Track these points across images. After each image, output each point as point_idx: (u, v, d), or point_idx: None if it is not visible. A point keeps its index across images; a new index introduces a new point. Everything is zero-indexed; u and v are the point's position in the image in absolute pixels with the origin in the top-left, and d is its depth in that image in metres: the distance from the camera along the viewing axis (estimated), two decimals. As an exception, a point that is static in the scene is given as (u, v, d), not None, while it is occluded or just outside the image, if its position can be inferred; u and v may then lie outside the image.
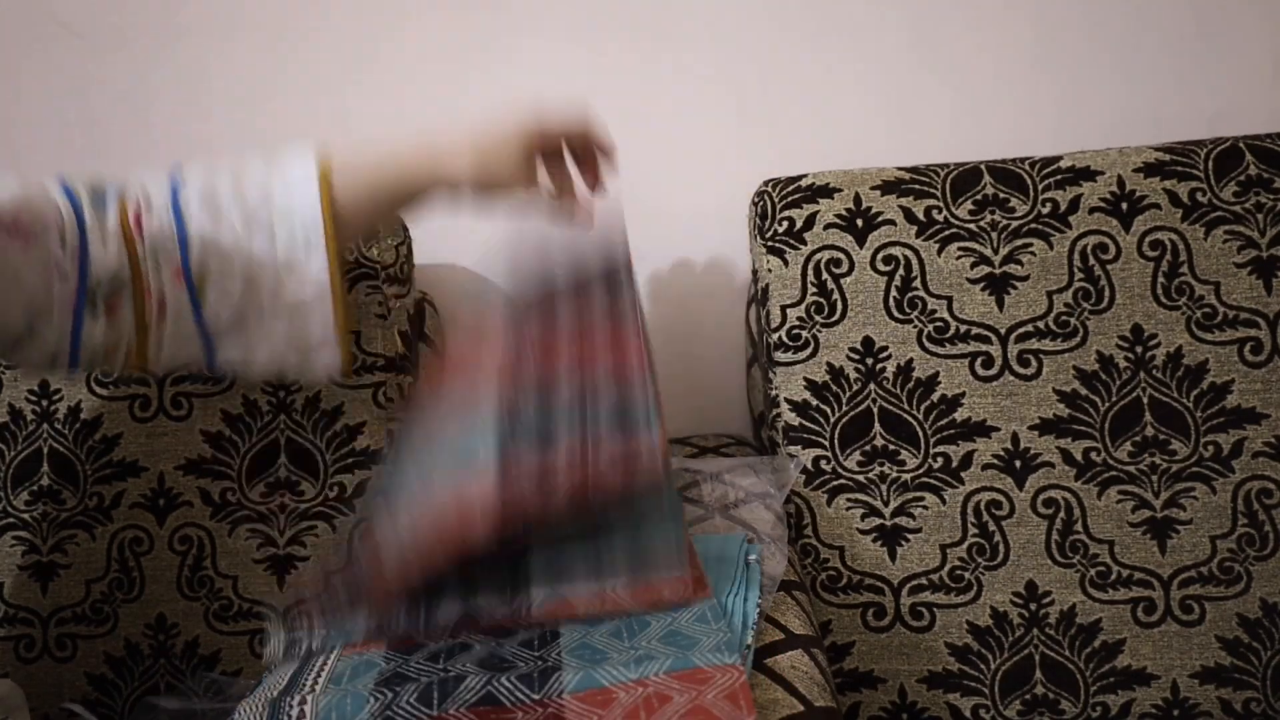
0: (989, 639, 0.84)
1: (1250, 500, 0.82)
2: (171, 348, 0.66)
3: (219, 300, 0.66)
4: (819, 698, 0.61)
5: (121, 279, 0.64)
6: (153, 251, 0.65)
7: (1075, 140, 1.00)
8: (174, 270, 0.65)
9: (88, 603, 0.86)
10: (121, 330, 0.65)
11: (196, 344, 0.67)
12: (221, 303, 0.66)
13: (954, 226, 0.87)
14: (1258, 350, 0.83)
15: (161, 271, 0.65)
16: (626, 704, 0.49)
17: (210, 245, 0.65)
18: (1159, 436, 0.84)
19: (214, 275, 0.65)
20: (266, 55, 1.07)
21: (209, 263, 0.65)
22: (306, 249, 0.66)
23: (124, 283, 0.64)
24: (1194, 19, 1.02)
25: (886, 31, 1.04)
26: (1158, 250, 0.85)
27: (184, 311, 0.65)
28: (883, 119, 1.05)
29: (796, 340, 0.87)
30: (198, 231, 0.65)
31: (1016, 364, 0.85)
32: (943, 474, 0.85)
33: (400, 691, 0.51)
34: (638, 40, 1.05)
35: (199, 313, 0.66)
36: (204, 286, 0.65)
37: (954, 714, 0.84)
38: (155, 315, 0.65)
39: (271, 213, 0.66)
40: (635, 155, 1.07)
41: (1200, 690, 0.82)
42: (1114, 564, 0.83)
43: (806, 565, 0.86)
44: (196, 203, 0.66)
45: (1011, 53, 1.03)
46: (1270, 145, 0.86)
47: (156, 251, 0.65)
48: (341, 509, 0.88)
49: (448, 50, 1.06)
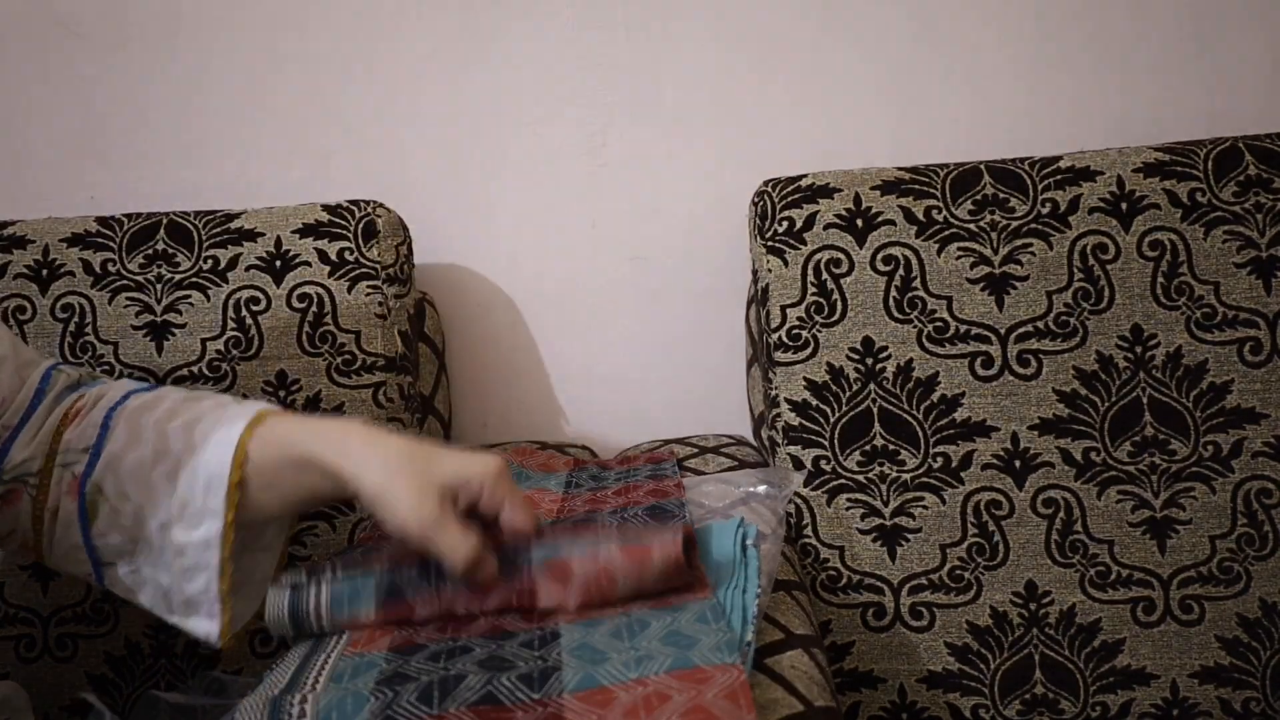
0: (989, 639, 0.84)
1: (1250, 500, 0.83)
2: (60, 554, 0.65)
3: (108, 521, 0.63)
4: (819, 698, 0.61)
5: (26, 472, 0.63)
6: (64, 457, 0.64)
7: (1075, 140, 1.00)
8: (72, 481, 0.63)
9: (88, 603, 0.86)
10: (18, 523, 0.64)
11: (84, 557, 0.64)
12: (111, 524, 0.63)
13: (954, 226, 0.87)
14: (1257, 350, 0.84)
15: (63, 479, 0.63)
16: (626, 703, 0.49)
17: (113, 465, 0.63)
18: (1159, 436, 0.84)
19: (108, 495, 0.63)
20: (266, 55, 1.07)
21: (105, 483, 0.63)
22: (202, 507, 0.61)
23: (28, 476, 0.63)
24: (1194, 19, 1.02)
25: (887, 31, 1.04)
26: (1157, 250, 0.85)
27: (73, 523, 0.63)
28: (883, 119, 1.05)
29: (796, 340, 0.87)
30: (109, 450, 0.63)
31: (1016, 364, 0.85)
32: (942, 474, 0.85)
33: (401, 691, 0.51)
34: (638, 40, 1.05)
35: (86, 530, 0.63)
36: (97, 505, 0.63)
37: (954, 714, 0.84)
38: (49, 520, 0.64)
39: (184, 454, 0.62)
40: (636, 155, 1.07)
41: (1200, 690, 0.82)
42: (1114, 564, 0.83)
43: (806, 565, 0.86)
44: (125, 422, 0.64)
45: (1011, 53, 1.03)
46: (1270, 145, 0.86)
47: (67, 458, 0.64)
48: (342, 509, 0.88)
49: (447, 50, 1.06)
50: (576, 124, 1.06)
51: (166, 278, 0.91)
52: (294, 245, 0.91)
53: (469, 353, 1.11)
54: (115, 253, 0.92)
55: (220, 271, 0.90)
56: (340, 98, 1.07)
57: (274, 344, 0.89)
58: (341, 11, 1.06)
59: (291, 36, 1.06)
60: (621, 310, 1.09)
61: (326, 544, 0.87)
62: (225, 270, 0.90)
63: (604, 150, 1.07)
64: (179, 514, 0.62)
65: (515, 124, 1.07)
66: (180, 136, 1.08)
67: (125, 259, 0.91)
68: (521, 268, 1.09)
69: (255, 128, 1.08)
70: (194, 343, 0.89)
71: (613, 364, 1.10)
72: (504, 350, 1.11)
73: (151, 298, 0.90)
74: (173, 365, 0.89)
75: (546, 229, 1.08)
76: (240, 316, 0.89)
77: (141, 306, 0.90)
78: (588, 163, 1.07)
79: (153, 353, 0.89)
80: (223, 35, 1.07)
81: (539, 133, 1.07)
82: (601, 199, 1.08)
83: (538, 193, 1.08)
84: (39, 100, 1.08)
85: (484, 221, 1.09)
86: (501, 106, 1.07)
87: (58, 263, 0.91)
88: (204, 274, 0.90)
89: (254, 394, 0.88)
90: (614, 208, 1.08)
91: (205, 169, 1.09)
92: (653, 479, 0.83)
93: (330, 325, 0.89)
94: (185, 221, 0.93)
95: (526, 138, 1.07)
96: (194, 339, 0.89)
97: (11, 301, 0.90)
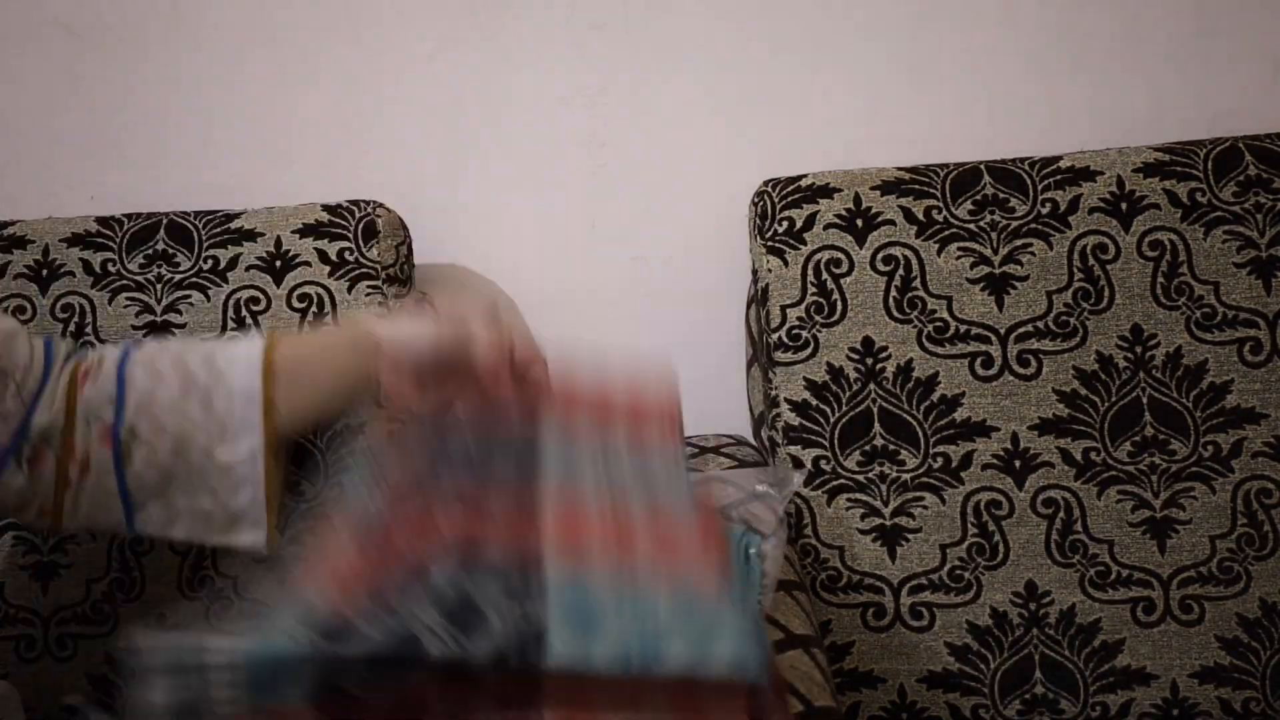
0: (989, 639, 0.84)
1: (1250, 500, 0.83)
2: (89, 507, 0.66)
3: (145, 460, 0.65)
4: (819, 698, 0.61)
5: (51, 433, 0.64)
6: (86, 412, 0.65)
7: (1075, 140, 1.00)
8: (102, 430, 0.65)
9: (88, 603, 0.86)
10: (39, 486, 0.65)
11: (117, 504, 0.66)
12: (147, 463, 0.65)
13: (954, 226, 0.87)
14: (1257, 350, 0.84)
15: (90, 431, 0.65)
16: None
17: (144, 406, 0.65)
18: (1158, 436, 0.84)
19: (143, 436, 0.65)
20: (266, 55, 1.07)
21: (139, 424, 0.65)
22: (242, 422, 0.65)
23: (53, 437, 0.64)
24: (1194, 19, 1.02)
25: (887, 31, 1.03)
26: (1157, 250, 0.85)
27: (106, 470, 0.65)
28: (883, 119, 1.05)
29: (796, 340, 0.87)
30: (135, 394, 0.65)
31: (1016, 364, 0.85)
32: (942, 474, 0.85)
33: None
34: (638, 40, 1.05)
35: (121, 473, 0.65)
36: (131, 447, 0.65)
37: (954, 714, 0.84)
38: (78, 474, 0.65)
39: (212, 382, 0.66)
40: (636, 155, 1.07)
41: (1200, 690, 0.82)
42: (1113, 564, 0.83)
43: (806, 565, 0.86)
44: (141, 368, 0.66)
45: (1011, 53, 1.03)
46: (1270, 145, 0.86)
47: (90, 412, 0.65)
48: (342, 509, 0.88)
49: (447, 50, 1.06)
50: (576, 124, 1.06)
51: (167, 278, 0.91)
52: (294, 245, 0.91)
53: (469, 353, 1.11)
54: (115, 253, 0.92)
55: (220, 271, 0.90)
56: (340, 98, 1.07)
57: (274, 344, 0.89)
58: (341, 11, 1.06)
59: (291, 37, 1.06)
60: (621, 310, 1.09)
61: (326, 544, 0.87)
62: (225, 270, 0.90)
63: (604, 150, 1.07)
64: (219, 435, 0.65)
65: (515, 124, 1.07)
66: (181, 137, 1.08)
67: (125, 259, 0.91)
68: (521, 268, 1.09)
69: (255, 128, 1.08)
70: (194, 343, 0.89)
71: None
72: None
73: (152, 298, 0.90)
74: (173, 365, 0.89)
75: (546, 229, 1.08)
76: (240, 316, 0.89)
77: (141, 306, 0.90)
78: (588, 163, 1.07)
79: (153, 353, 0.89)
80: (223, 36, 1.06)
81: (539, 133, 1.07)
82: (601, 199, 1.07)
83: (538, 193, 1.08)
84: (39, 100, 1.08)
85: (484, 221, 1.09)
86: (501, 106, 1.06)
87: (58, 263, 0.91)
88: (204, 274, 0.90)
89: (254, 394, 0.88)
90: (614, 208, 1.08)
91: (205, 169, 1.08)
92: None
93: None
94: (185, 221, 0.93)
95: (526, 138, 1.07)
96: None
97: (11, 301, 0.90)
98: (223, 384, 0.65)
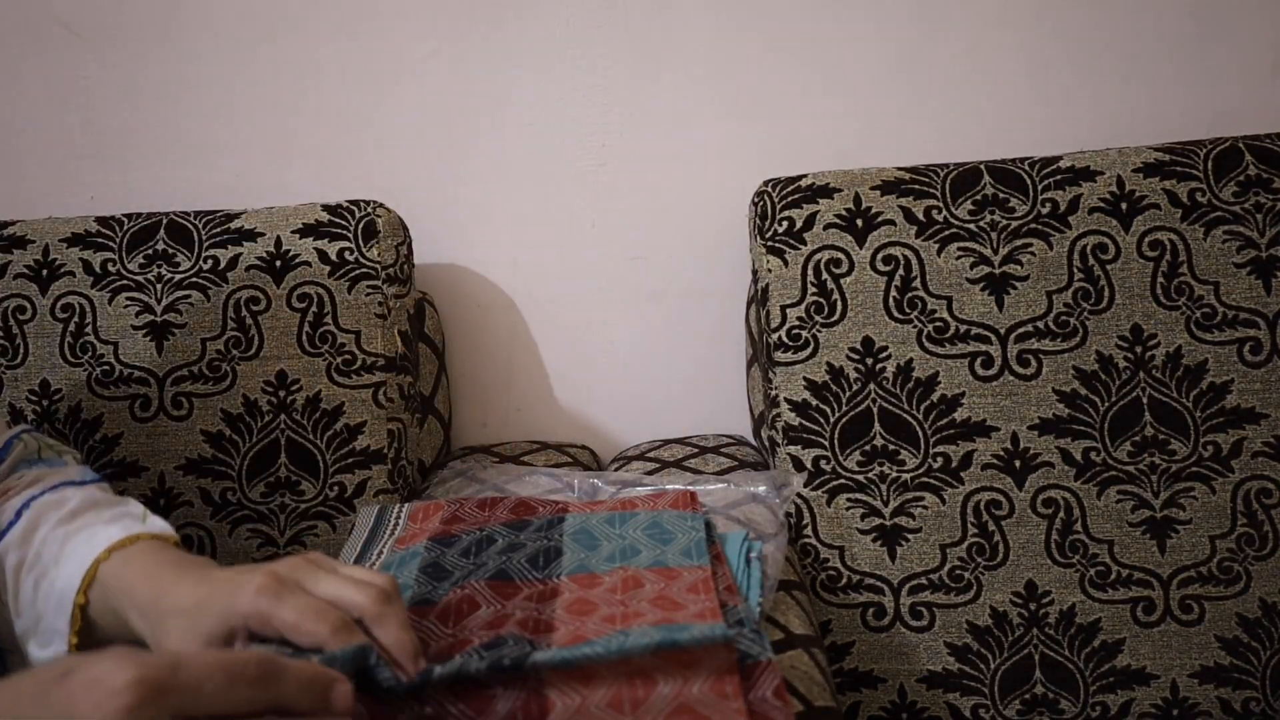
0: (989, 639, 0.84)
1: (1250, 500, 0.83)
2: None
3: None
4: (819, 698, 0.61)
5: None
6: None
7: (1075, 140, 1.00)
8: None
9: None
10: None
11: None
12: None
13: (954, 226, 0.87)
14: (1257, 350, 0.84)
15: None
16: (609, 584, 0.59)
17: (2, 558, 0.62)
18: (1158, 436, 0.84)
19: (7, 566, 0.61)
20: (266, 55, 1.07)
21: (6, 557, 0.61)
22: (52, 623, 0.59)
23: None
24: (1194, 19, 1.02)
25: (887, 31, 1.04)
26: (1157, 250, 0.85)
27: None
28: (883, 119, 1.05)
29: (796, 340, 0.87)
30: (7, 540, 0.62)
31: (1016, 364, 0.85)
32: (942, 474, 0.85)
33: (438, 586, 0.60)
34: (638, 40, 1.05)
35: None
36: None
37: (954, 714, 0.84)
38: None
39: (49, 567, 0.60)
40: (636, 155, 1.07)
41: (1199, 690, 0.82)
42: (1113, 564, 0.83)
43: (806, 565, 0.86)
44: (30, 515, 0.63)
45: (1011, 52, 1.03)
46: (1270, 145, 0.86)
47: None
48: (342, 508, 0.88)
49: (447, 50, 1.06)
50: (576, 124, 1.06)
51: (166, 278, 0.91)
52: (294, 245, 0.91)
53: (469, 353, 1.11)
54: (115, 253, 0.92)
55: (220, 271, 0.90)
56: (340, 98, 1.07)
57: (274, 344, 0.89)
58: (341, 11, 1.06)
59: (291, 37, 1.06)
60: (621, 310, 1.09)
61: (327, 545, 0.87)
62: (225, 270, 0.90)
63: (604, 150, 1.07)
64: (34, 627, 0.60)
65: (515, 124, 1.07)
66: (181, 137, 1.08)
67: (125, 259, 0.91)
68: (521, 268, 1.09)
69: (255, 128, 1.08)
70: (194, 343, 0.89)
71: (612, 364, 1.10)
72: (504, 350, 1.11)
73: (151, 298, 0.90)
74: (172, 365, 0.89)
75: (546, 229, 1.08)
76: (240, 316, 0.89)
77: (141, 306, 0.90)
78: (588, 163, 1.07)
79: (153, 353, 0.89)
80: (223, 36, 1.07)
81: (539, 133, 1.07)
82: (601, 199, 1.08)
83: (538, 193, 1.08)
84: (39, 100, 1.08)
85: (484, 221, 1.09)
86: (501, 106, 1.07)
87: (58, 263, 0.91)
88: (204, 274, 0.90)
89: (254, 394, 0.88)
90: (614, 208, 1.08)
91: (205, 169, 1.09)
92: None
93: (330, 325, 0.89)
94: (185, 221, 0.93)
95: (526, 138, 1.07)
96: (194, 339, 0.89)
97: (11, 301, 0.90)
98: (51, 574, 0.60)
